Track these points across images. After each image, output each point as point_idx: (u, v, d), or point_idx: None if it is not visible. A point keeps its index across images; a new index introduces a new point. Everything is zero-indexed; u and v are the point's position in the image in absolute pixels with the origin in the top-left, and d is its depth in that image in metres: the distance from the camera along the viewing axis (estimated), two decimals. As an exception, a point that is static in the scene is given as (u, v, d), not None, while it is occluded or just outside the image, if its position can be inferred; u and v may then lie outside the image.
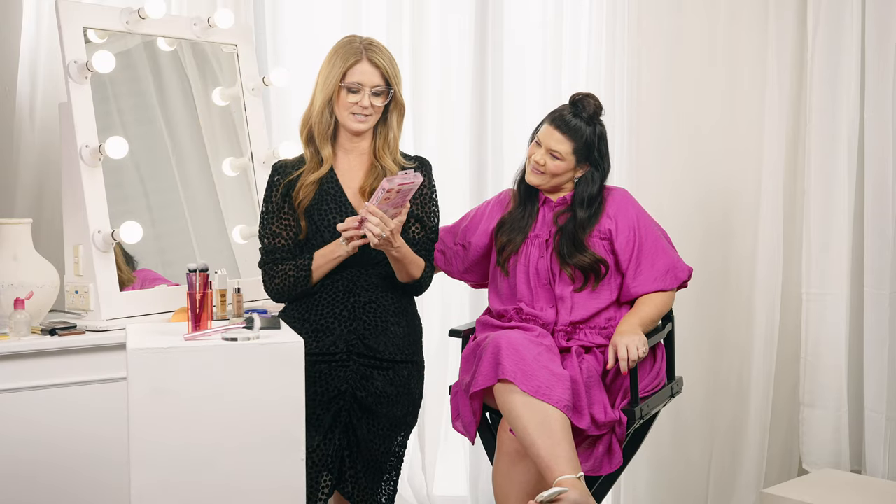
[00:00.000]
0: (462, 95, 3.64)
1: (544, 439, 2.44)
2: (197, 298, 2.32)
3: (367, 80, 2.55)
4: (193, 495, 2.19)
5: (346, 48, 2.56)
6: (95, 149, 2.77)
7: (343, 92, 2.55)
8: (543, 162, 2.78)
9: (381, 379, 2.56)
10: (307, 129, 2.61)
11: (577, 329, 2.72)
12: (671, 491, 3.74)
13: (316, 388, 2.51)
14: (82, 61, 2.79)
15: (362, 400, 2.54)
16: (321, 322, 2.55)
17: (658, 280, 2.78)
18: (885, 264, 3.47)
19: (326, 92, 2.56)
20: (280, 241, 2.58)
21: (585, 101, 2.79)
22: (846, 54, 3.56)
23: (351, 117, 2.57)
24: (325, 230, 2.56)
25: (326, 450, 2.52)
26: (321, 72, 2.59)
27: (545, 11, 3.69)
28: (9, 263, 2.73)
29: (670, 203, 3.66)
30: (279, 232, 2.59)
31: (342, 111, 2.57)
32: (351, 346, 2.54)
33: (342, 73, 2.54)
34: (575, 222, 2.78)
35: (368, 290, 2.58)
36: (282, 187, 2.59)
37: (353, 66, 2.54)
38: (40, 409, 2.62)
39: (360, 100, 2.55)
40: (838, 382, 3.60)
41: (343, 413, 2.54)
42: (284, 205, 2.59)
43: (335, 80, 2.55)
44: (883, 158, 3.48)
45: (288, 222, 2.59)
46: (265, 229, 2.60)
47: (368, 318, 2.57)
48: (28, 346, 2.61)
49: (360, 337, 2.55)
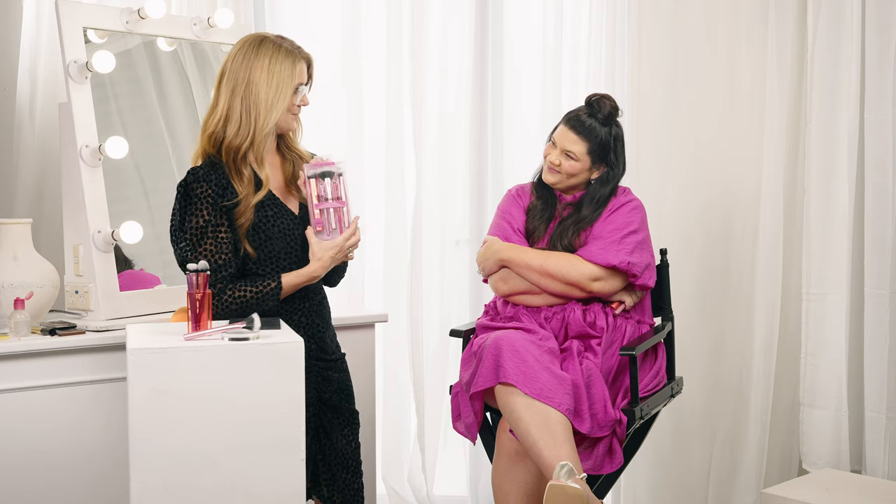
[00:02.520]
0: (462, 95, 3.64)
1: (546, 440, 2.44)
2: (197, 298, 2.32)
3: (305, 76, 2.50)
4: (193, 495, 2.19)
5: (279, 51, 2.45)
6: (95, 149, 2.77)
7: (292, 96, 2.48)
8: (559, 162, 2.79)
9: (335, 377, 2.56)
10: (236, 150, 2.43)
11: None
12: (671, 491, 3.74)
13: None
14: (82, 61, 2.79)
15: (327, 400, 2.54)
16: None
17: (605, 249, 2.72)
18: (885, 264, 3.47)
19: (282, 103, 2.44)
20: (222, 257, 2.41)
21: (601, 102, 2.80)
22: (846, 54, 3.55)
23: (293, 117, 2.52)
24: (279, 250, 2.47)
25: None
26: (258, 82, 2.42)
27: (545, 12, 3.69)
28: (9, 263, 2.73)
29: (671, 203, 3.67)
30: (219, 248, 2.41)
31: (285, 114, 2.48)
32: (310, 352, 2.51)
33: (291, 77, 2.45)
34: (575, 218, 2.79)
35: (317, 293, 2.58)
36: (208, 199, 2.41)
37: (297, 67, 2.46)
38: (40, 409, 2.62)
39: (304, 98, 2.50)
40: (838, 382, 3.59)
41: (313, 418, 2.52)
42: (218, 218, 2.42)
43: (290, 87, 2.45)
44: (883, 158, 3.48)
45: (226, 237, 2.42)
46: (199, 245, 2.40)
47: (319, 321, 2.56)
48: (28, 346, 2.61)
49: (316, 340, 2.54)
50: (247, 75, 2.42)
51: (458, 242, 3.69)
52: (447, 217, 3.66)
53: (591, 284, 2.72)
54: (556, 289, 2.73)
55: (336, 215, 2.49)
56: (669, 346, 2.92)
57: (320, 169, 2.46)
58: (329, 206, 2.47)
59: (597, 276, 2.72)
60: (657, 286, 2.91)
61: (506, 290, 2.80)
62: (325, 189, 2.46)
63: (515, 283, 2.78)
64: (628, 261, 2.71)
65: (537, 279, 2.73)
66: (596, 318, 2.74)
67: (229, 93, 2.44)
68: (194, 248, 2.42)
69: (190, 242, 2.43)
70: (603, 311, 2.76)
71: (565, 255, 2.74)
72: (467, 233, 3.67)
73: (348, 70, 3.50)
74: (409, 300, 3.54)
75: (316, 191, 2.45)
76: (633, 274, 2.73)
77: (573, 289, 2.72)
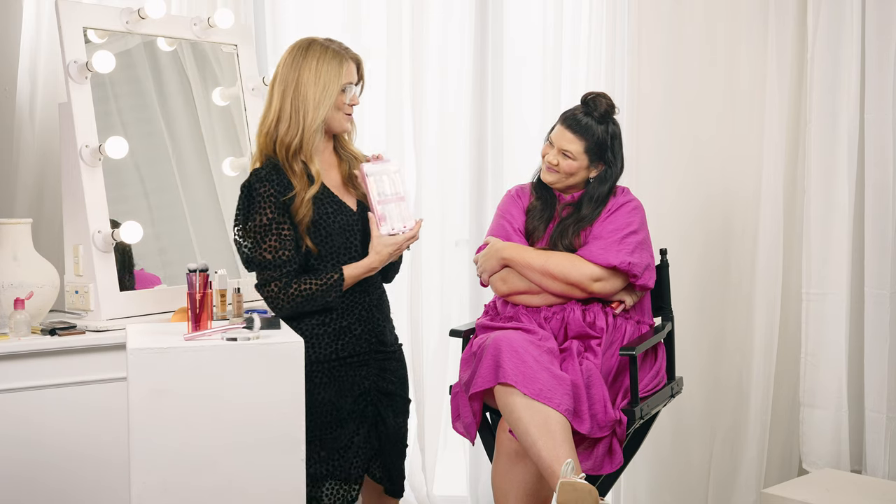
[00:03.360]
0: (462, 95, 3.64)
1: (545, 441, 2.44)
2: (197, 298, 2.32)
3: (354, 76, 2.62)
4: (193, 495, 2.19)
5: (326, 53, 2.57)
6: (95, 149, 2.77)
7: (340, 95, 2.59)
8: (556, 162, 2.79)
9: (393, 366, 2.70)
10: (287, 147, 2.55)
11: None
12: (671, 491, 3.74)
13: (342, 388, 2.58)
14: (82, 61, 2.79)
15: (384, 388, 2.66)
16: (342, 324, 2.60)
17: (606, 250, 2.73)
18: (885, 264, 3.47)
19: (328, 100, 2.56)
20: (284, 253, 2.53)
21: (597, 101, 2.80)
22: (846, 54, 3.55)
23: (344, 118, 2.64)
24: (339, 245, 2.59)
25: (359, 443, 2.59)
26: (306, 83, 2.55)
27: (545, 12, 3.69)
28: (9, 263, 2.73)
29: (671, 203, 3.67)
30: (282, 244, 2.53)
31: (335, 113, 2.60)
32: (371, 345, 2.64)
33: (338, 76, 2.57)
34: (575, 217, 2.79)
35: (377, 288, 2.69)
36: (271, 198, 2.53)
37: (345, 67, 2.58)
38: (40, 409, 2.62)
39: (353, 97, 2.62)
40: (838, 382, 3.59)
41: (370, 406, 2.63)
42: (281, 216, 2.53)
43: (336, 86, 2.56)
44: (883, 158, 3.48)
45: (289, 234, 2.54)
46: (263, 242, 2.52)
47: (379, 315, 2.67)
48: (28, 346, 2.61)
49: (376, 333, 2.65)
50: (296, 77, 2.56)
51: (458, 243, 3.70)
52: (447, 217, 3.66)
53: (591, 285, 2.72)
54: (556, 289, 2.73)
55: (397, 209, 2.62)
56: (669, 347, 2.92)
57: (379, 165, 2.61)
58: (389, 201, 2.61)
59: (598, 277, 2.72)
60: (657, 286, 2.91)
61: (505, 291, 2.80)
62: (384, 186, 2.61)
63: (515, 283, 2.78)
64: (629, 261, 2.71)
65: (539, 279, 2.73)
66: (596, 319, 2.74)
67: (280, 94, 2.57)
68: (258, 246, 2.52)
69: (254, 240, 2.53)
70: (603, 311, 2.75)
71: (567, 256, 2.74)
72: (467, 233, 3.67)
73: (348, 70, 3.50)
74: (409, 300, 3.54)
75: (375, 188, 2.59)
76: (634, 274, 2.73)
77: (574, 289, 2.72)
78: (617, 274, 2.73)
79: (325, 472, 2.55)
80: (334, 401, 2.56)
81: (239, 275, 3.12)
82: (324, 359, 2.56)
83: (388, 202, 2.61)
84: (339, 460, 2.56)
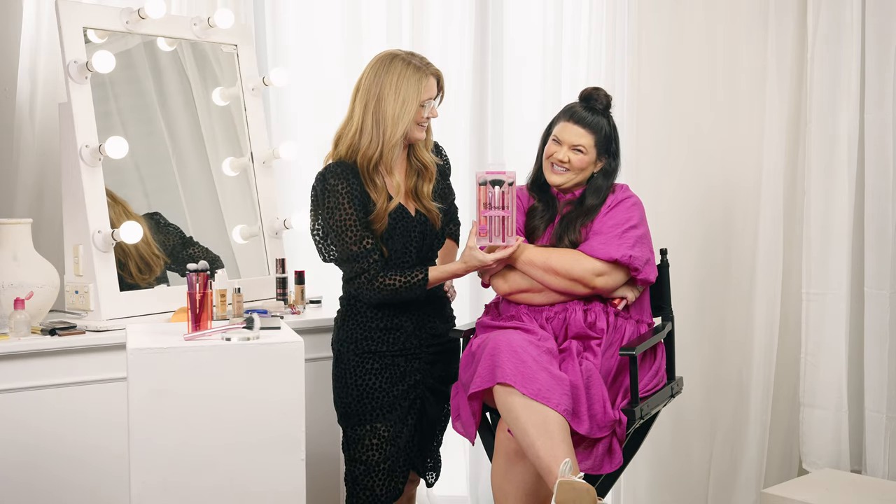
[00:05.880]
0: (462, 95, 3.64)
1: (544, 441, 2.44)
2: (197, 298, 2.32)
3: (434, 91, 2.68)
4: (193, 495, 2.19)
5: (408, 68, 2.63)
6: (95, 149, 2.77)
7: (419, 110, 2.65)
8: (567, 159, 2.78)
9: (443, 361, 2.79)
10: (369, 160, 2.63)
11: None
12: (671, 491, 3.74)
13: (391, 381, 2.68)
14: (82, 61, 2.79)
15: (432, 385, 2.77)
16: (393, 320, 2.68)
17: (607, 244, 2.73)
18: (885, 264, 3.47)
19: (408, 116, 2.62)
20: (369, 241, 2.62)
21: (597, 94, 2.82)
22: (846, 54, 3.55)
23: (419, 129, 2.69)
24: (397, 249, 2.67)
25: (404, 435, 2.69)
26: (387, 98, 2.61)
27: (545, 12, 3.69)
28: (9, 263, 2.73)
29: (671, 203, 3.67)
30: (365, 236, 2.61)
31: (414, 126, 2.66)
32: (422, 341, 2.73)
33: (418, 92, 2.62)
34: (579, 210, 2.79)
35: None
36: (348, 194, 2.61)
37: (424, 83, 2.63)
38: (40, 409, 2.62)
39: (432, 110, 2.68)
40: (838, 382, 3.59)
41: (417, 400, 2.74)
42: (358, 211, 2.62)
43: (416, 102, 2.62)
44: (883, 158, 3.48)
45: (367, 227, 2.63)
46: (347, 235, 2.60)
47: (432, 310, 2.75)
48: (28, 346, 2.61)
49: (428, 329, 2.73)
50: (377, 91, 2.63)
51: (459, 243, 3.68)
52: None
53: (594, 280, 2.71)
54: (559, 285, 2.73)
55: (501, 223, 2.62)
56: (669, 346, 2.92)
57: (492, 176, 2.61)
58: (495, 214, 2.61)
59: (600, 272, 2.72)
60: (657, 286, 2.91)
61: (506, 289, 2.80)
62: (494, 196, 2.61)
63: (517, 282, 2.78)
64: (630, 254, 2.71)
65: (541, 276, 2.73)
66: (596, 320, 2.74)
67: (362, 107, 2.65)
68: (340, 238, 2.61)
69: (336, 233, 2.61)
70: (604, 311, 2.75)
71: (568, 251, 2.74)
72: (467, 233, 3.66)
73: (349, 70, 3.50)
74: (409, 300, 3.54)
75: (485, 197, 2.60)
76: (635, 268, 2.73)
77: (576, 285, 2.72)
78: (619, 268, 2.74)
79: (377, 458, 2.65)
80: (386, 388, 2.67)
81: (239, 275, 3.12)
82: (374, 350, 2.66)
83: (493, 214, 2.62)
84: (391, 448, 2.67)
